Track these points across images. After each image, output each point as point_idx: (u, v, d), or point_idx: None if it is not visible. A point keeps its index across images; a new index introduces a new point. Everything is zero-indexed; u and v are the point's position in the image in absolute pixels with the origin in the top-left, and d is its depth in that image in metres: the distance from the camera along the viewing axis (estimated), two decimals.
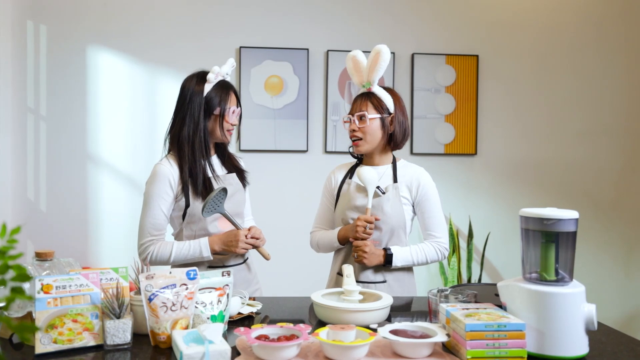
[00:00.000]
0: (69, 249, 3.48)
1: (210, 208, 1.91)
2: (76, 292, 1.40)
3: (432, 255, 2.11)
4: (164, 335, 1.39)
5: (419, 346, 1.34)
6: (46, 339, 1.33)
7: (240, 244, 1.96)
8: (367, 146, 2.11)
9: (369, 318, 1.59)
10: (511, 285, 1.46)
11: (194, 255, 1.97)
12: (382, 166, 2.16)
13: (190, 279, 1.46)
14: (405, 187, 2.11)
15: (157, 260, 1.98)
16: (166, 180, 1.97)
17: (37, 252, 1.50)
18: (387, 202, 2.07)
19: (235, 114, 2.05)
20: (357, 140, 2.11)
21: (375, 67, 2.06)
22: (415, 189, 2.11)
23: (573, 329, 1.36)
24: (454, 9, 3.77)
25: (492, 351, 1.32)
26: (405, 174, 2.13)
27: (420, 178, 2.12)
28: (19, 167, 3.47)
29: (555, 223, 1.41)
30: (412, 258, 2.08)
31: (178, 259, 1.97)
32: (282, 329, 1.40)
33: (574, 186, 3.86)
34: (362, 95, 2.13)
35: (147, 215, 1.98)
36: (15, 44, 3.45)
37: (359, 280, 2.08)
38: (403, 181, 2.12)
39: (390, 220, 2.07)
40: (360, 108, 2.10)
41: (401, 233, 2.11)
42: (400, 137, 2.12)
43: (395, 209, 2.07)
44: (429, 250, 2.11)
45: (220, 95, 2.01)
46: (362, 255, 2.03)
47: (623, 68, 3.88)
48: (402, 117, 2.12)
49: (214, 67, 2.02)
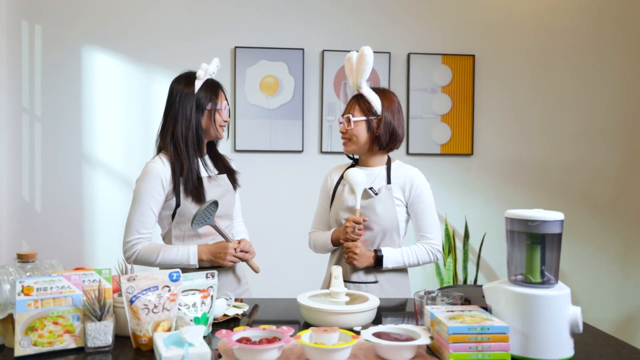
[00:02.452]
0: (64, 250, 3.48)
1: (200, 220, 1.91)
2: (57, 294, 1.39)
3: (424, 257, 2.11)
4: (146, 338, 1.38)
5: (402, 349, 1.33)
6: (26, 341, 1.33)
7: (229, 257, 1.97)
8: (353, 147, 2.13)
9: (354, 320, 1.58)
10: (496, 287, 1.45)
11: (181, 261, 1.97)
12: (376, 167, 2.16)
13: (173, 281, 1.45)
14: (398, 188, 2.11)
15: (142, 260, 1.97)
16: (158, 179, 1.96)
17: (18, 253, 1.49)
18: (380, 203, 2.07)
19: (227, 110, 2.08)
20: (345, 141, 2.15)
21: (359, 69, 2.08)
22: (409, 190, 2.10)
23: (558, 331, 1.35)
24: (450, 9, 3.75)
25: (475, 354, 1.31)
26: (399, 175, 2.13)
27: (413, 179, 2.12)
28: (13, 168, 3.47)
29: (540, 224, 1.40)
30: (403, 259, 2.08)
31: (164, 263, 1.97)
32: (265, 331, 1.39)
33: (571, 187, 3.84)
34: (353, 97, 2.16)
35: (136, 213, 1.98)
36: (10, 44, 3.45)
37: (350, 281, 2.09)
38: (396, 182, 2.11)
39: (381, 221, 2.07)
40: (349, 110, 2.13)
41: (394, 234, 2.11)
42: (387, 140, 2.11)
43: (387, 210, 2.07)
44: (421, 251, 2.10)
45: (210, 92, 2.04)
46: (352, 256, 2.03)
47: (620, 68, 3.85)
48: (391, 119, 2.11)
49: (202, 64, 2.04)
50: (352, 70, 2.13)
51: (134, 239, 1.98)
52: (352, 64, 2.13)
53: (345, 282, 1.99)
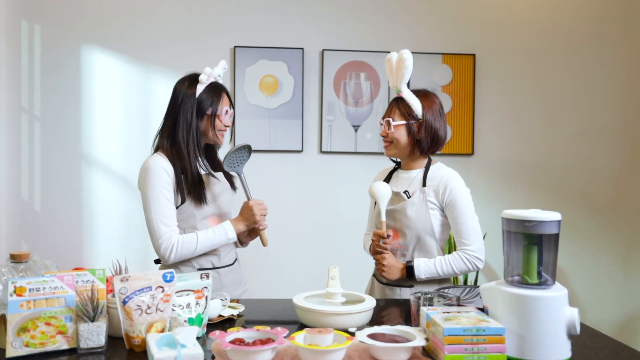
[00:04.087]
0: (63, 250, 3.48)
1: (230, 163, 1.98)
2: (50, 294, 1.38)
3: (460, 266, 2.00)
4: (139, 339, 1.37)
5: (397, 350, 1.32)
6: (18, 342, 1.32)
7: (256, 211, 2.00)
8: (394, 151, 2.10)
9: (350, 321, 1.57)
10: (493, 288, 1.43)
11: (220, 240, 1.98)
12: (415, 170, 2.13)
13: (167, 282, 1.44)
14: (432, 191, 2.04)
15: (183, 255, 1.93)
16: (163, 171, 1.93)
17: (11, 254, 1.48)
18: (412, 206, 2.03)
19: (229, 115, 2.04)
20: (386, 144, 2.11)
21: (399, 73, 2.04)
22: (442, 193, 2.03)
23: (554, 333, 1.34)
24: (450, 8, 3.73)
25: (471, 356, 1.30)
26: (434, 178, 2.06)
27: (448, 181, 2.03)
28: (13, 168, 3.47)
29: (536, 225, 1.38)
30: (436, 269, 2.00)
31: (204, 248, 1.96)
32: (259, 332, 1.38)
33: (571, 186, 3.82)
34: (394, 100, 2.12)
35: (154, 211, 1.90)
36: (9, 44, 3.45)
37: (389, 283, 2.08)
38: (431, 185, 2.05)
39: (414, 225, 2.02)
40: (389, 114, 2.09)
41: (428, 239, 2.04)
42: (428, 144, 2.06)
43: (420, 214, 2.02)
44: (456, 261, 2.01)
45: (212, 96, 2.01)
46: (382, 268, 2.02)
47: (621, 68, 3.83)
48: (432, 123, 2.05)
49: (206, 68, 2.02)
50: (392, 72, 2.08)
51: (164, 237, 1.90)
52: (392, 65, 2.08)
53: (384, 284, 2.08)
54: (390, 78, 2.12)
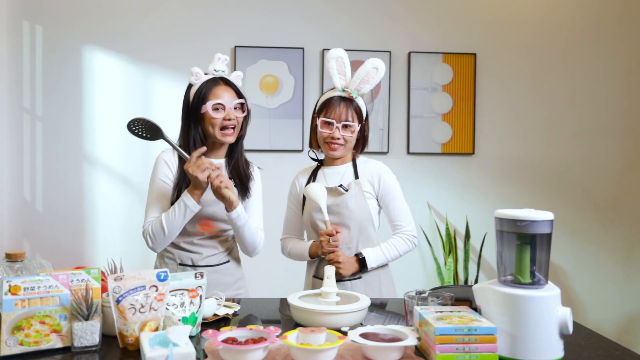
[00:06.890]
0: (65, 249, 3.50)
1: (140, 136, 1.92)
2: (45, 293, 1.39)
3: (403, 247, 2.13)
4: (132, 338, 1.38)
5: (389, 350, 1.32)
6: (12, 340, 1.33)
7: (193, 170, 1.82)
8: (344, 151, 2.14)
9: (343, 320, 1.57)
10: (485, 288, 1.43)
11: (181, 210, 1.87)
12: (342, 165, 2.18)
13: (161, 281, 1.45)
14: (367, 182, 2.14)
15: (155, 237, 1.93)
16: (164, 165, 2.00)
17: (7, 253, 1.49)
18: (351, 198, 2.10)
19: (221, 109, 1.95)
20: (337, 146, 2.10)
21: (368, 79, 2.08)
22: (377, 183, 2.14)
23: (546, 332, 1.33)
24: (450, 7, 3.73)
25: (462, 355, 1.30)
26: (365, 170, 2.16)
27: (380, 172, 2.16)
28: (15, 168, 3.49)
29: (529, 224, 1.38)
30: (384, 255, 2.11)
31: (173, 227, 1.90)
32: (251, 331, 1.39)
33: (572, 186, 3.80)
34: (345, 101, 2.08)
35: (148, 199, 2.00)
36: (11, 44, 3.47)
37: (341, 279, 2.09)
38: (364, 176, 2.15)
39: (356, 215, 2.10)
40: (347, 117, 2.07)
41: (369, 227, 2.13)
42: (365, 143, 2.20)
43: (359, 204, 2.10)
44: (399, 243, 2.13)
45: (199, 95, 1.97)
46: (338, 266, 2.04)
47: (622, 67, 3.82)
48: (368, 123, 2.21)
49: (192, 68, 2.00)
50: (344, 72, 2.08)
51: (146, 225, 1.97)
52: (342, 64, 2.08)
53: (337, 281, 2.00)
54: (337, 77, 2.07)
